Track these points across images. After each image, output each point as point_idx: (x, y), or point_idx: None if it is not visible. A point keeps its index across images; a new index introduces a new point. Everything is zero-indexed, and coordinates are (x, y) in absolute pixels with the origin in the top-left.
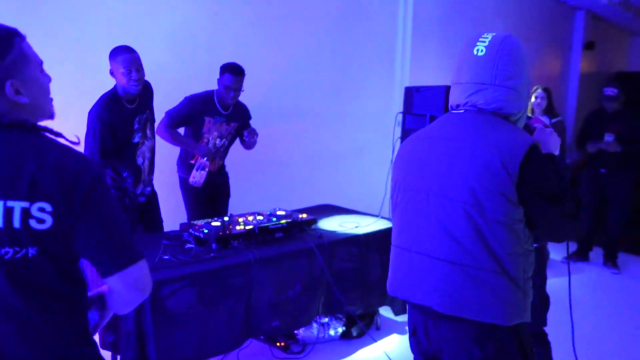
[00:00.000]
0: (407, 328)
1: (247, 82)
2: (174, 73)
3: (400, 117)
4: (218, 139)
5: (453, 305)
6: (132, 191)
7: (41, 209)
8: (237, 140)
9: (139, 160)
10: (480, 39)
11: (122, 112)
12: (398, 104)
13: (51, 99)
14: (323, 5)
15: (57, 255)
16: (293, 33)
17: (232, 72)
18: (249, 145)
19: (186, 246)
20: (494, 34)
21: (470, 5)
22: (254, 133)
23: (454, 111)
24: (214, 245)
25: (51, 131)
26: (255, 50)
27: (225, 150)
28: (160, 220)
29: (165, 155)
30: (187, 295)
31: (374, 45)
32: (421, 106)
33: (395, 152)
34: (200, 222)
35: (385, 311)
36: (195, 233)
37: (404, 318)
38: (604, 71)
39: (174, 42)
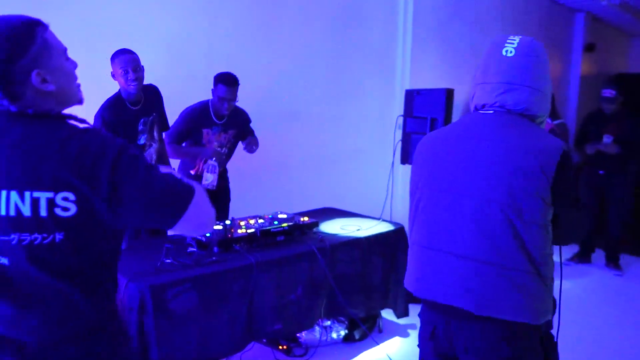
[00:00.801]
0: (409, 331)
1: (247, 86)
2: (172, 78)
3: (400, 120)
4: (218, 149)
5: (487, 306)
6: None
7: (65, 198)
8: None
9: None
10: (508, 41)
11: (125, 113)
12: (398, 107)
13: (78, 85)
14: (323, 9)
15: (83, 239)
16: (293, 36)
17: (226, 83)
18: (250, 150)
19: (188, 250)
20: (521, 36)
21: (470, 8)
22: (252, 144)
23: (481, 111)
24: (215, 249)
25: (75, 118)
26: (255, 53)
27: (226, 157)
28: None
29: None
30: (190, 299)
31: (374, 48)
32: (422, 109)
33: (397, 155)
34: None
35: (388, 314)
36: (197, 237)
37: (406, 321)
38: (605, 73)
39: (171, 46)
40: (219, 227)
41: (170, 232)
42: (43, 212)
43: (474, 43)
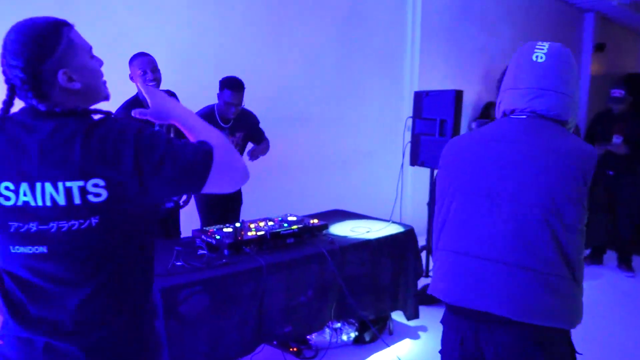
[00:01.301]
0: (420, 333)
1: (256, 90)
2: (181, 82)
3: (410, 121)
4: None
5: (525, 311)
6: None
7: (95, 185)
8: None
9: None
10: (538, 47)
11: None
12: (407, 109)
13: (104, 82)
14: (332, 11)
15: (117, 221)
16: (302, 40)
17: (232, 88)
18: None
19: (199, 252)
20: (549, 43)
21: (478, 9)
22: (257, 153)
23: (513, 116)
24: (226, 252)
25: (100, 111)
26: (263, 57)
27: None
28: (179, 231)
29: None
30: (200, 301)
31: (383, 50)
32: (431, 110)
33: (406, 157)
34: (212, 229)
35: (398, 316)
36: (208, 239)
37: (416, 323)
38: (615, 73)
39: (181, 51)
40: (229, 229)
41: (206, 191)
42: (77, 200)
43: (483, 44)
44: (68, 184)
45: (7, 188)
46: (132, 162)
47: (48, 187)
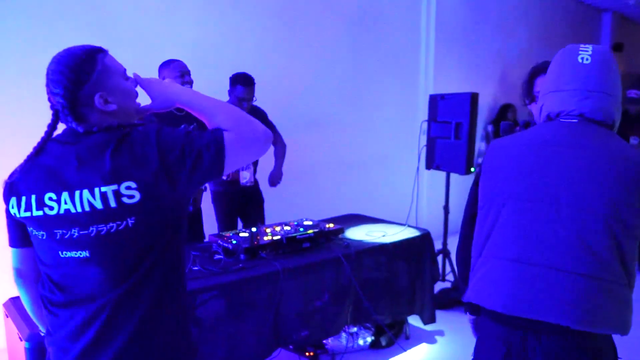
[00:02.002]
0: (436, 337)
1: (272, 94)
2: (196, 86)
3: (425, 125)
4: None
5: (586, 320)
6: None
7: (128, 187)
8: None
9: None
10: (582, 49)
11: (170, 118)
12: (423, 112)
13: (139, 103)
14: (346, 15)
15: (153, 219)
16: (316, 42)
17: (244, 84)
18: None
19: (215, 257)
20: (592, 45)
21: (493, 11)
22: (276, 180)
23: (562, 120)
24: (242, 256)
25: (133, 124)
26: (279, 60)
27: (254, 164)
28: (202, 235)
29: None
30: (216, 306)
31: (398, 53)
32: (446, 113)
33: (422, 160)
34: (228, 233)
35: (415, 320)
36: (224, 244)
37: (433, 327)
38: (634, 72)
39: (195, 53)
40: (246, 234)
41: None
42: (113, 203)
43: (499, 46)
44: (103, 189)
45: (50, 199)
46: (157, 160)
47: (85, 193)
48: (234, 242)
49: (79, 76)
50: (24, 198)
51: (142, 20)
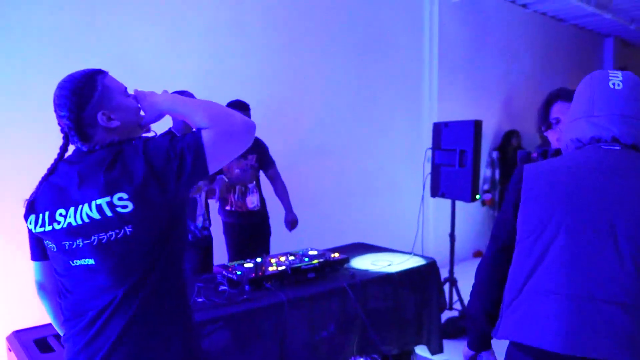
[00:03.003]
0: None
1: (278, 121)
2: None
3: (429, 152)
4: (241, 175)
5: None
6: (193, 226)
7: (120, 198)
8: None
9: (196, 193)
10: (612, 74)
11: None
12: (427, 139)
13: (141, 117)
14: (351, 43)
15: (149, 227)
16: (322, 70)
17: (241, 109)
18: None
19: (220, 288)
20: (621, 71)
21: (497, 37)
22: (292, 224)
23: (604, 146)
24: (247, 287)
25: (133, 139)
26: (282, 89)
27: (252, 178)
28: (212, 266)
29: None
30: (222, 337)
31: (402, 80)
32: (450, 141)
33: (427, 188)
34: (233, 264)
35: (422, 350)
36: (229, 275)
37: (440, 357)
38: None
39: (201, 80)
40: (250, 265)
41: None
42: (109, 213)
43: (503, 73)
44: (98, 201)
45: (60, 214)
46: (145, 169)
47: (85, 207)
48: (239, 273)
49: (81, 98)
50: (40, 215)
51: (155, 48)
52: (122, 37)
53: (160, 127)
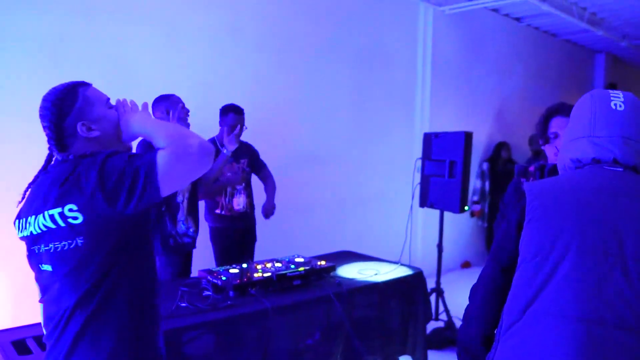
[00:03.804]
0: None
1: (270, 129)
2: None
3: (419, 162)
4: (232, 177)
5: None
6: (174, 231)
7: (70, 209)
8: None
9: (179, 198)
10: (613, 95)
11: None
12: (418, 150)
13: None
14: (345, 54)
15: (100, 239)
16: (315, 80)
17: (235, 112)
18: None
19: (204, 293)
20: (621, 91)
21: (489, 50)
22: (269, 211)
23: (607, 167)
24: (231, 293)
25: (106, 152)
26: (277, 96)
27: (242, 180)
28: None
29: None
30: (204, 344)
31: (395, 91)
32: (440, 152)
33: (416, 199)
34: (218, 269)
35: None
36: (213, 280)
37: None
38: None
39: (195, 86)
40: (236, 270)
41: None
42: (61, 223)
43: (494, 86)
44: (51, 212)
45: (28, 222)
46: (96, 183)
47: (41, 216)
48: (224, 278)
49: (62, 110)
50: (21, 221)
51: (142, 57)
52: (117, 41)
53: None
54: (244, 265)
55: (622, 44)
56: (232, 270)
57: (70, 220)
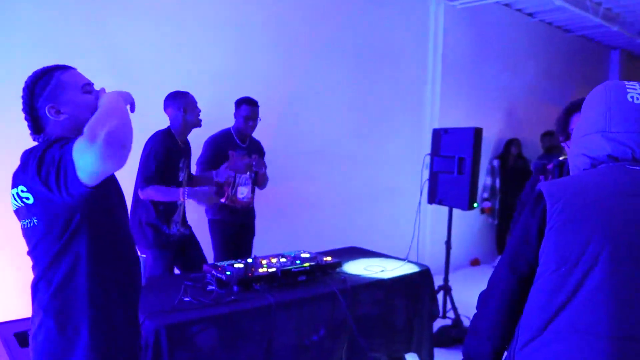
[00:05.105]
0: None
1: (277, 123)
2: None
3: (428, 158)
4: (241, 167)
5: None
6: (168, 231)
7: (23, 190)
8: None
9: (179, 200)
10: (630, 86)
11: (175, 147)
12: (428, 146)
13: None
14: (354, 48)
15: (49, 222)
16: (323, 76)
17: (249, 103)
18: (260, 180)
19: (208, 288)
20: (637, 83)
21: (501, 46)
22: (262, 164)
23: (630, 166)
24: (235, 288)
25: (58, 139)
26: (285, 92)
27: (248, 170)
28: (203, 260)
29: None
30: (207, 339)
31: (404, 87)
32: (449, 148)
33: (424, 195)
34: (223, 264)
35: (413, 359)
36: (218, 275)
37: None
38: None
39: (201, 83)
40: (240, 265)
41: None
42: (19, 203)
43: (505, 82)
44: (13, 190)
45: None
46: (34, 170)
47: (13, 194)
48: (228, 273)
49: (34, 90)
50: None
51: (148, 52)
52: (122, 36)
53: (158, 126)
54: (249, 260)
55: (637, 40)
56: (236, 265)
57: (24, 200)
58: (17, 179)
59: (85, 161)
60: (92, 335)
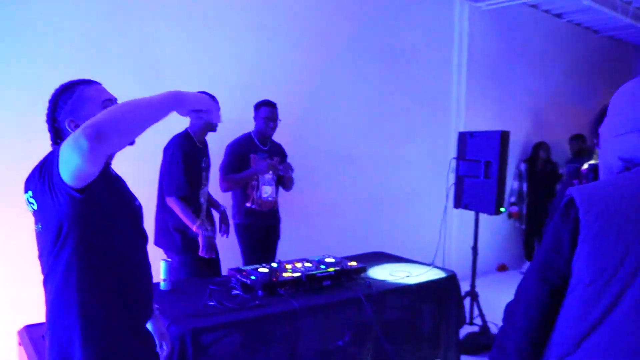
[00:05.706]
0: None
1: (302, 127)
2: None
3: (454, 162)
4: (264, 168)
5: None
6: (194, 236)
7: (30, 196)
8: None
9: (202, 199)
10: None
11: (195, 149)
12: (453, 149)
13: None
14: (379, 51)
15: (49, 228)
16: (347, 78)
17: (268, 105)
18: (286, 183)
19: (232, 292)
20: None
21: (526, 48)
22: (288, 167)
23: None
24: (260, 293)
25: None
26: (309, 94)
27: (270, 170)
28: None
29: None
30: (231, 343)
31: (429, 89)
32: (475, 151)
33: (450, 199)
34: (247, 268)
35: None
36: (242, 279)
37: None
38: None
39: (225, 85)
40: (265, 270)
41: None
42: (29, 208)
43: (532, 84)
44: (25, 195)
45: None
46: (38, 172)
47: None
48: (253, 277)
49: (57, 103)
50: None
51: (173, 54)
52: (149, 41)
53: (179, 127)
54: (274, 265)
55: None
56: (261, 270)
57: (32, 206)
58: (28, 184)
59: (63, 156)
60: (86, 350)
